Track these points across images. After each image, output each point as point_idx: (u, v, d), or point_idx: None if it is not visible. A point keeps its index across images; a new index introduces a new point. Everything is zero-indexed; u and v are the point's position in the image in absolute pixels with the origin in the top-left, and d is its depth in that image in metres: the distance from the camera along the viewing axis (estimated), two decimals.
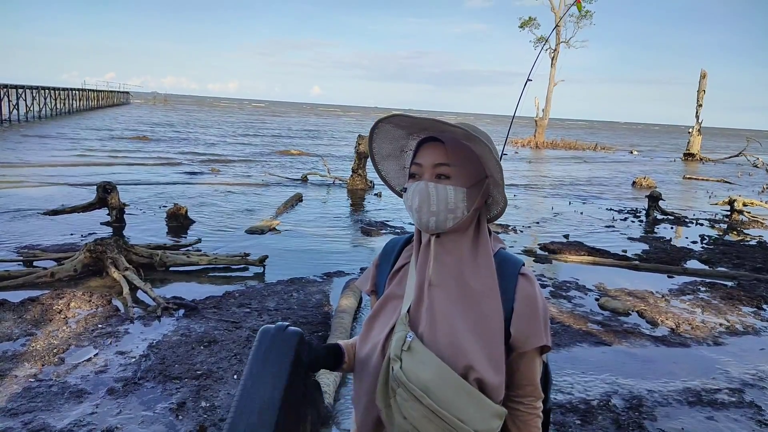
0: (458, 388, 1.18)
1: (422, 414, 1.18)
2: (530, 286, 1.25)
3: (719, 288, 6.85)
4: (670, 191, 16.52)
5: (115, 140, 23.89)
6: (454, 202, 1.25)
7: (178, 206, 8.85)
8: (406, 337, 1.23)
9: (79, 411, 3.36)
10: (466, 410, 1.17)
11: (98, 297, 5.26)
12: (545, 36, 38.70)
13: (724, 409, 3.89)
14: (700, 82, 32.98)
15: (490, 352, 1.20)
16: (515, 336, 1.22)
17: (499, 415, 1.20)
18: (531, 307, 1.23)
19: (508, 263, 1.28)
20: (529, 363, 1.26)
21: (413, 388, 1.18)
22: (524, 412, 1.27)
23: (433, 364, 1.19)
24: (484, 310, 1.22)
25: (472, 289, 1.23)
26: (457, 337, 1.21)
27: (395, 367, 1.22)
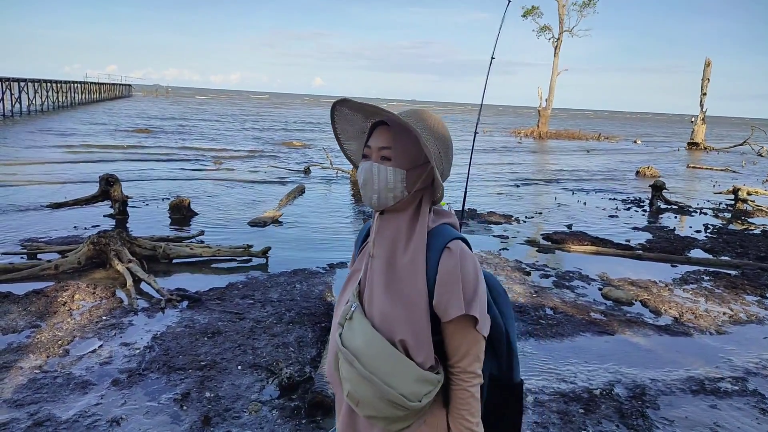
0: (385, 354, 1.29)
1: (355, 376, 1.31)
2: (451, 259, 1.31)
3: (723, 277, 6.84)
4: (673, 181, 16.46)
5: (117, 133, 23.89)
6: (393, 182, 1.35)
7: (180, 198, 8.86)
8: (351, 306, 1.38)
9: (84, 402, 3.38)
10: (392, 375, 1.28)
11: (102, 289, 5.28)
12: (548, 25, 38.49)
13: (728, 398, 3.90)
14: (705, 70, 32.76)
15: (412, 321, 1.30)
16: (436, 305, 1.31)
17: (426, 380, 1.29)
18: (450, 278, 1.30)
19: (438, 237, 1.36)
20: (455, 333, 1.32)
21: (347, 353, 1.33)
22: (454, 382, 1.34)
23: (364, 331, 1.32)
24: (407, 284, 1.31)
25: (400, 263, 1.34)
26: (386, 307, 1.32)
27: (338, 334, 1.38)
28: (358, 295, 1.40)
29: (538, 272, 6.69)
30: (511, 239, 8.42)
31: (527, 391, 3.81)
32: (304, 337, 4.47)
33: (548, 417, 3.49)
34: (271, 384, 3.71)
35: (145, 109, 45.53)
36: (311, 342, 4.40)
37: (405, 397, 1.28)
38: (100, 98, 56.02)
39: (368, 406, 1.32)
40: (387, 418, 1.32)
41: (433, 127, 1.38)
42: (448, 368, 1.35)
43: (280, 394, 3.58)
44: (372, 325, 1.33)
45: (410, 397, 1.28)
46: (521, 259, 7.28)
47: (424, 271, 1.31)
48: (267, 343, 4.32)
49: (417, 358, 1.29)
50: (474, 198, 12.27)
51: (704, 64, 32.91)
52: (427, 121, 1.38)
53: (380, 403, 1.30)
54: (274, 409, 3.42)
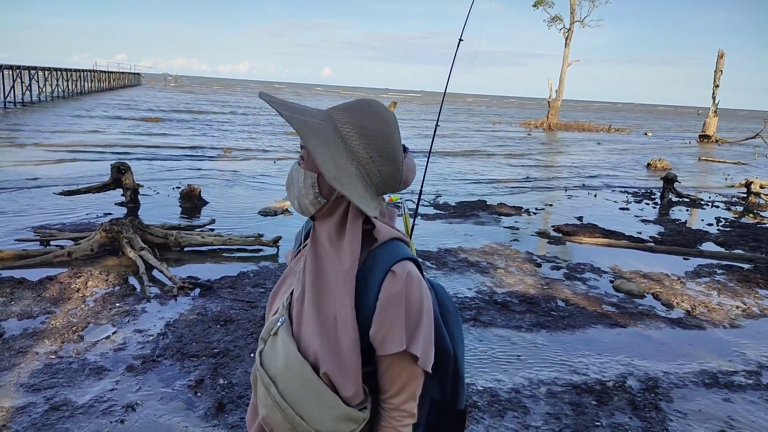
0: (305, 382, 1.12)
1: (269, 403, 1.15)
2: (395, 284, 1.12)
3: (735, 271, 6.79)
4: (685, 173, 16.33)
5: (128, 121, 23.97)
6: (305, 187, 1.17)
7: (191, 187, 8.88)
8: (277, 321, 1.20)
9: (99, 387, 3.41)
10: (309, 408, 1.11)
11: (115, 276, 5.32)
12: (560, 15, 38.14)
13: (741, 391, 3.88)
14: (718, 62, 32.36)
15: (337, 352, 1.12)
16: (372, 336, 1.13)
17: (350, 418, 1.12)
18: (390, 307, 1.11)
19: (386, 256, 1.15)
20: (390, 368, 1.15)
21: (263, 374, 1.16)
22: (384, 418, 1.18)
23: (287, 353, 1.14)
24: (335, 308, 1.13)
25: (325, 282, 1.16)
26: (311, 331, 1.14)
27: (258, 351, 1.21)
28: (287, 308, 1.21)
29: (549, 264, 6.67)
30: (522, 231, 8.39)
31: (540, 382, 3.81)
32: None
33: (561, 408, 3.49)
34: None
35: (155, 98, 45.62)
36: None
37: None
38: (110, 87, 56.19)
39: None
40: None
41: (363, 122, 1.14)
42: (380, 403, 1.18)
43: None
44: (297, 348, 1.14)
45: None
46: (532, 250, 7.26)
47: (351, 297, 1.12)
48: None
49: (343, 393, 1.12)
50: (483, 189, 12.23)
51: (717, 56, 32.51)
52: (358, 115, 1.15)
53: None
54: None
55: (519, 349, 4.34)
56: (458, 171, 15.32)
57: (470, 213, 9.45)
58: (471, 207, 9.99)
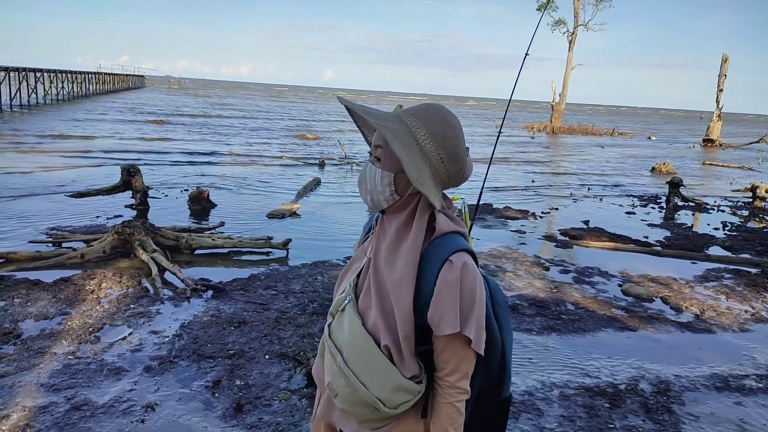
0: (369, 356, 1.26)
1: (334, 370, 1.31)
2: (452, 273, 1.23)
3: (743, 275, 6.81)
4: (689, 177, 16.34)
5: (134, 123, 24.06)
6: (381, 185, 1.30)
7: (200, 189, 8.94)
8: (345, 299, 1.36)
9: (118, 387, 3.45)
10: (369, 376, 1.26)
11: (128, 278, 5.36)
12: (563, 18, 38.19)
13: (753, 395, 3.90)
14: (722, 66, 32.35)
15: (395, 331, 1.25)
16: (429, 319, 1.25)
17: (406, 389, 1.25)
18: (447, 292, 1.22)
19: (443, 247, 1.27)
20: (446, 348, 1.26)
21: (331, 345, 1.33)
22: (440, 394, 1.29)
23: (352, 328, 1.29)
24: (395, 292, 1.26)
25: (391, 269, 1.28)
26: (374, 310, 1.29)
27: (327, 325, 1.38)
28: (354, 288, 1.36)
29: (557, 267, 6.70)
30: (529, 234, 8.42)
31: (552, 384, 3.84)
32: None
33: (574, 411, 3.52)
34: (299, 373, 3.76)
35: (160, 100, 45.76)
36: None
37: (381, 401, 1.25)
38: (114, 89, 56.39)
39: (344, 400, 1.30)
40: (359, 417, 1.31)
41: (434, 126, 1.27)
42: (436, 381, 1.30)
43: (308, 383, 3.63)
44: (362, 323, 1.29)
45: (386, 403, 1.26)
46: (539, 254, 7.29)
47: (412, 281, 1.25)
48: (292, 334, 4.38)
49: (399, 365, 1.26)
50: (489, 193, 12.27)
51: (721, 60, 32.51)
52: (429, 120, 1.28)
53: (354, 400, 1.28)
54: (303, 398, 3.47)
55: (530, 352, 4.37)
56: None
57: (477, 216, 9.49)
58: (478, 209, 10.02)
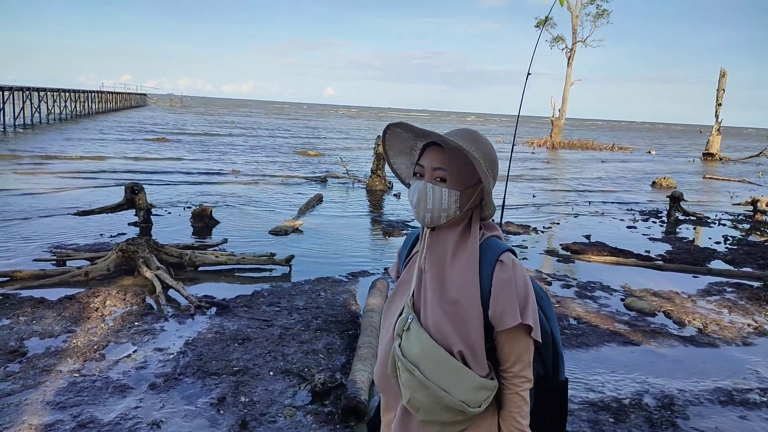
0: (443, 363, 1.36)
1: (415, 385, 1.38)
2: (505, 271, 1.38)
3: (745, 288, 6.82)
4: (690, 191, 16.38)
5: (136, 142, 24.22)
6: (447, 203, 1.42)
7: (203, 207, 8.99)
8: (408, 318, 1.45)
9: (123, 405, 3.47)
10: (449, 382, 1.35)
11: (132, 295, 5.39)
12: (562, 35, 38.55)
13: (757, 409, 3.90)
14: (720, 80, 32.59)
15: (464, 332, 1.37)
16: (491, 316, 1.38)
17: (484, 387, 1.37)
18: (504, 289, 1.37)
19: (489, 250, 1.43)
20: (509, 341, 1.39)
21: (406, 362, 1.39)
22: (506, 386, 1.41)
23: (422, 341, 1.39)
24: (458, 296, 1.39)
25: (452, 277, 1.41)
26: (441, 320, 1.39)
27: (396, 344, 1.44)
28: (412, 307, 1.46)
29: (559, 282, 6.72)
30: (530, 249, 8.44)
31: None
32: (332, 344, 4.53)
33: (579, 426, 3.52)
34: (304, 390, 3.78)
35: (162, 119, 46.07)
36: (340, 349, 4.46)
37: (466, 403, 1.35)
38: (116, 107, 56.80)
39: (428, 411, 1.39)
40: (445, 422, 1.40)
41: (481, 147, 1.44)
42: (500, 373, 1.42)
43: (313, 400, 3.65)
44: (429, 336, 1.39)
45: (471, 404, 1.36)
46: (541, 269, 7.31)
47: (477, 286, 1.38)
48: (296, 350, 4.39)
49: (474, 367, 1.37)
50: None
51: (719, 75, 32.76)
52: (477, 142, 1.45)
53: (440, 409, 1.37)
54: (308, 414, 3.48)
55: None
56: None
57: None
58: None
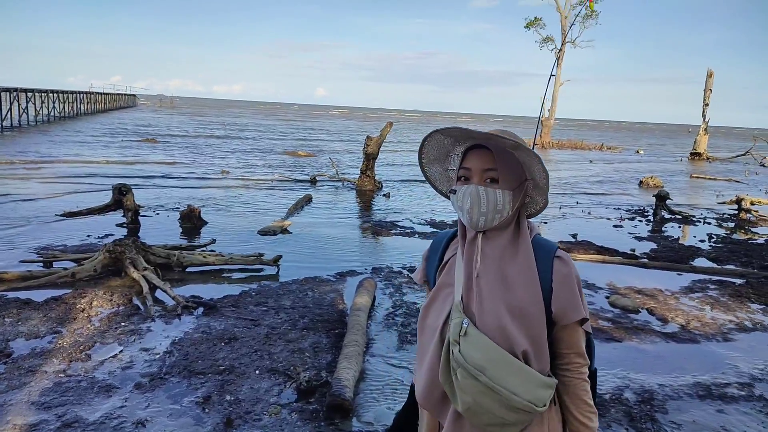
0: (508, 365, 1.36)
1: (479, 390, 1.36)
2: (565, 267, 1.42)
3: (728, 286, 6.93)
4: (677, 191, 16.55)
5: (125, 142, 24.11)
6: (502, 203, 1.42)
7: (191, 207, 8.99)
8: (462, 323, 1.41)
9: (109, 404, 3.49)
10: (517, 384, 1.35)
11: (119, 296, 5.40)
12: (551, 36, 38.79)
13: (734, 403, 3.98)
14: (707, 81, 32.92)
15: (529, 331, 1.38)
16: (556, 313, 1.40)
17: (547, 385, 1.38)
18: (568, 285, 1.41)
19: (543, 248, 1.45)
20: (571, 333, 1.44)
21: (470, 368, 1.37)
22: (571, 377, 1.44)
23: (485, 346, 1.38)
24: (522, 295, 1.39)
25: (512, 277, 1.41)
26: (502, 321, 1.39)
27: (455, 350, 1.40)
28: (464, 312, 1.44)
29: None
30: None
31: None
32: (319, 343, 4.57)
33: None
34: (289, 388, 3.81)
35: (152, 119, 45.85)
36: (326, 348, 4.50)
37: (533, 403, 1.35)
38: (106, 108, 56.42)
39: (490, 415, 1.37)
40: (507, 423, 1.38)
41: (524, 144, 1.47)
42: (562, 366, 1.45)
43: (298, 398, 3.68)
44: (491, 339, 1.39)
45: (537, 403, 1.36)
46: None
47: (539, 284, 1.39)
48: (283, 349, 4.42)
49: (536, 366, 1.38)
50: None
51: (706, 75, 33.10)
52: (519, 139, 1.48)
53: (506, 411, 1.36)
54: (293, 412, 3.51)
55: None
56: None
57: None
58: None
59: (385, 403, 3.74)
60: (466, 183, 1.47)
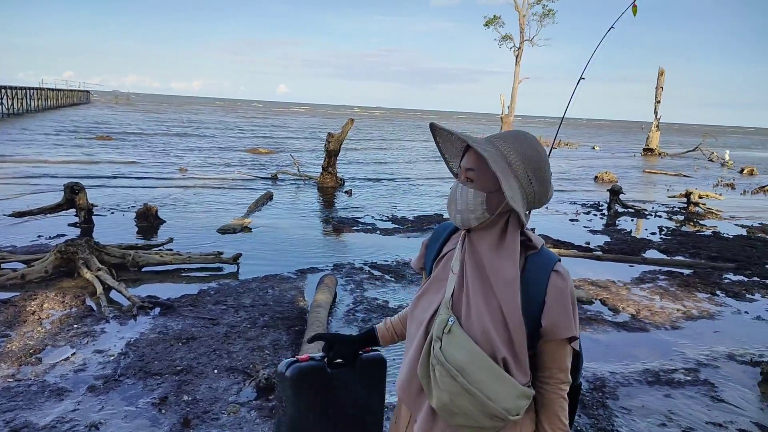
0: (488, 370, 1.34)
1: (456, 390, 1.35)
2: (562, 282, 1.38)
3: (677, 276, 7.20)
4: (630, 185, 17.08)
5: (78, 140, 23.35)
6: (473, 204, 1.40)
7: (147, 206, 8.80)
8: (448, 320, 1.40)
9: (60, 408, 3.40)
10: (494, 390, 1.33)
11: (71, 298, 5.25)
12: (510, 34, 39.36)
13: (681, 388, 4.16)
14: (659, 79, 34.02)
15: (513, 341, 1.35)
16: (545, 327, 1.36)
17: (525, 395, 1.36)
18: (561, 301, 1.37)
19: (543, 259, 1.41)
20: (557, 349, 1.40)
21: (450, 367, 1.35)
22: (550, 392, 1.41)
23: (468, 347, 1.36)
24: (506, 305, 1.35)
25: (496, 283, 1.37)
26: (486, 325, 1.36)
27: (436, 346, 1.39)
28: (452, 308, 1.42)
29: None
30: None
31: None
32: (279, 340, 4.55)
33: None
34: (248, 386, 3.79)
35: (106, 117, 44.51)
36: (287, 345, 4.49)
37: (507, 411, 1.33)
38: (57, 105, 54.49)
39: (466, 417, 1.36)
40: (482, 427, 1.38)
41: (524, 150, 1.40)
42: (542, 378, 1.42)
43: (258, 395, 3.67)
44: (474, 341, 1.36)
45: (511, 411, 1.34)
46: None
47: (518, 293, 1.35)
48: (242, 347, 4.39)
49: (516, 375, 1.35)
50: (438, 203, 12.52)
51: (658, 73, 34.19)
52: (519, 144, 1.41)
53: (480, 415, 1.35)
54: (252, 409, 3.50)
55: None
56: (413, 186, 15.62)
57: (427, 227, 9.68)
58: (428, 220, 10.24)
59: None
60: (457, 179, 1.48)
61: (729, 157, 29.65)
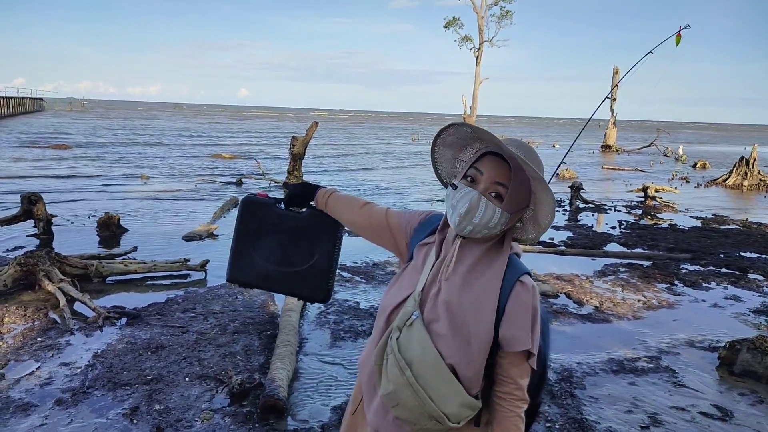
0: (437, 371, 1.32)
1: (402, 383, 1.35)
2: (525, 294, 1.35)
3: (637, 268, 7.45)
4: (590, 181, 17.53)
5: (32, 149, 22.60)
6: (494, 222, 1.35)
7: (109, 215, 8.60)
8: (412, 314, 1.39)
9: (27, 424, 3.31)
10: (439, 392, 1.32)
11: (33, 311, 5.11)
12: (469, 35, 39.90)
13: (644, 375, 4.32)
14: (613, 77, 34.96)
15: (470, 352, 1.33)
16: (501, 336, 1.34)
17: (470, 406, 1.33)
18: (521, 313, 1.34)
19: (512, 269, 1.38)
20: (512, 363, 1.36)
21: (400, 359, 1.36)
22: (505, 408, 1.37)
23: (424, 344, 1.34)
24: (474, 316, 1.34)
25: (471, 293, 1.36)
26: (447, 331, 1.34)
27: (394, 336, 1.40)
28: (419, 303, 1.40)
29: None
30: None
31: None
32: (250, 346, 4.53)
33: None
34: (221, 393, 3.76)
35: (61, 125, 43.20)
36: (258, 350, 4.47)
37: (447, 416, 1.32)
38: (9, 113, 52.54)
39: (406, 410, 1.35)
40: (421, 427, 1.36)
41: (538, 166, 1.37)
42: (499, 394, 1.37)
43: (231, 402, 3.65)
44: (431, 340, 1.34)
45: (452, 418, 1.32)
46: None
47: (494, 307, 1.33)
48: (213, 354, 4.35)
49: (465, 383, 1.32)
50: (403, 200, 12.60)
51: (613, 72, 35.16)
52: (535, 160, 1.37)
53: (419, 413, 1.34)
54: (226, 416, 3.48)
55: None
56: (376, 185, 15.69)
57: None
58: None
59: (319, 400, 3.78)
60: (471, 184, 1.38)
61: (683, 152, 30.74)
